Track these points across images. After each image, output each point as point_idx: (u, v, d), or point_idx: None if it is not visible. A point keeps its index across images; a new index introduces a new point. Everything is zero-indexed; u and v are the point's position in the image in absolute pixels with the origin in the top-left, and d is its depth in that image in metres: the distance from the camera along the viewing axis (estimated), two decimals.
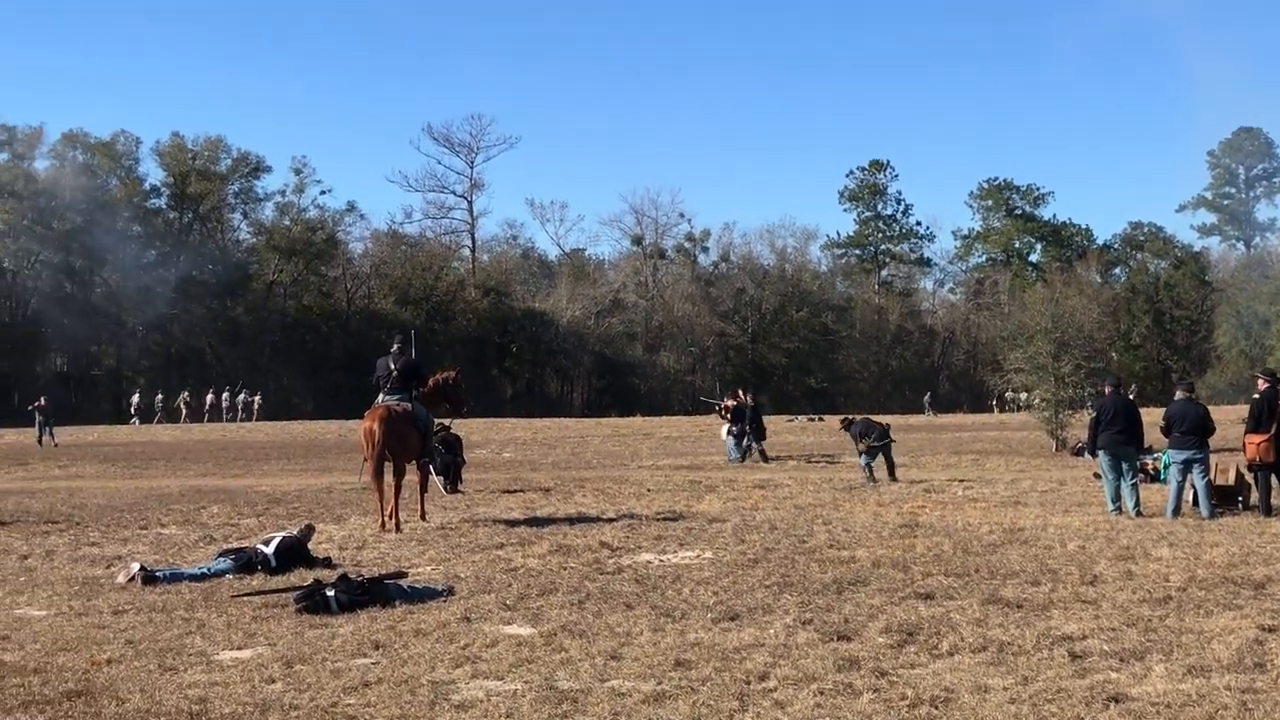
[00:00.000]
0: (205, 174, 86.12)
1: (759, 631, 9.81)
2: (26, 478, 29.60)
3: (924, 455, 33.14)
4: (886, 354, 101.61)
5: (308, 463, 33.63)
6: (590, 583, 12.30)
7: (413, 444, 17.92)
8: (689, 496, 21.55)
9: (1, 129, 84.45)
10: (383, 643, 9.70)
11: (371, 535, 16.59)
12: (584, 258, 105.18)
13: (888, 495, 21.23)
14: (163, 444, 43.83)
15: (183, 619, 10.86)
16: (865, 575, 12.42)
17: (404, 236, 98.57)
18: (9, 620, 11.03)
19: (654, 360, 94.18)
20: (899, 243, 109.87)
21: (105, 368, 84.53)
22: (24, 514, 20.30)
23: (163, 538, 16.90)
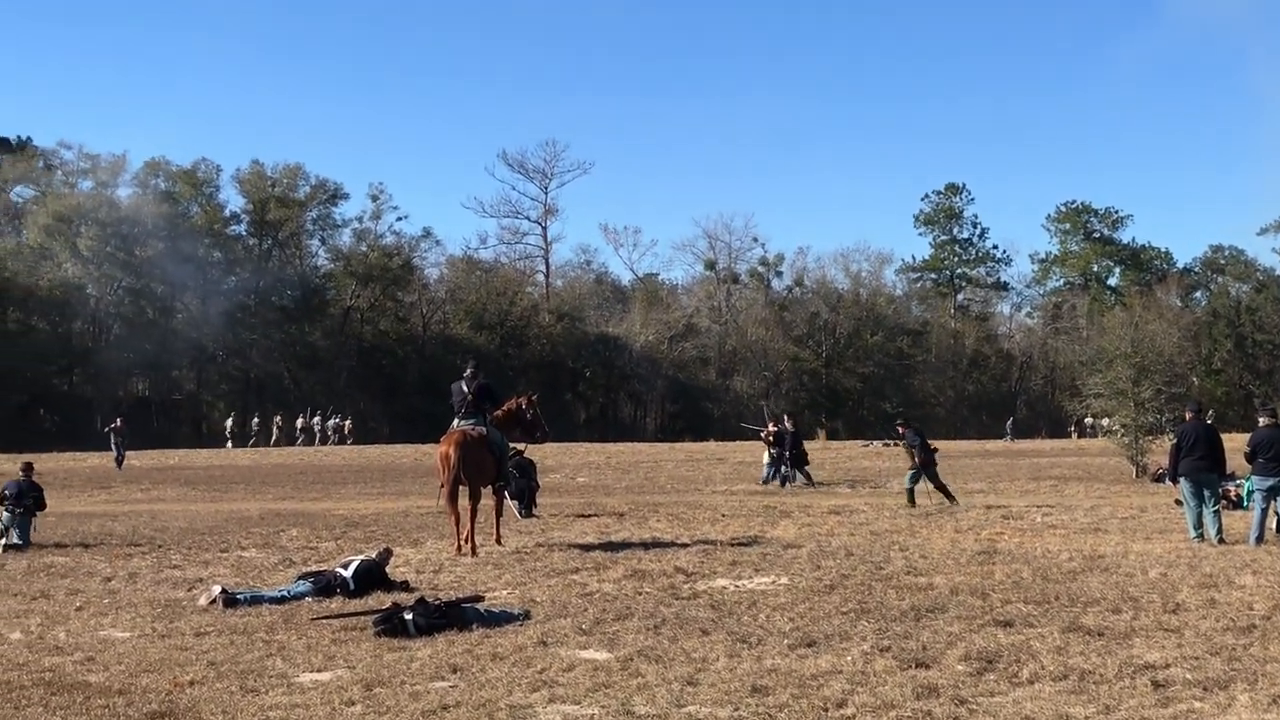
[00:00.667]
0: (284, 201, 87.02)
1: (836, 658, 9.77)
2: (109, 501, 30.04)
3: (1002, 481, 32.84)
4: (963, 379, 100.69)
5: (384, 487, 33.87)
6: (666, 608, 12.30)
7: (488, 468, 18.02)
8: (764, 522, 21.48)
9: (85, 157, 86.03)
10: (460, 666, 9.76)
11: (448, 559, 16.69)
12: (657, 283, 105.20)
13: (965, 521, 21.05)
14: (241, 468, 44.32)
15: (263, 641, 10.98)
16: (943, 602, 12.33)
17: (479, 262, 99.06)
18: (94, 642, 11.20)
19: (727, 385, 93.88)
20: (975, 266, 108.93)
21: (186, 392, 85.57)
22: (107, 537, 20.60)
23: (243, 560, 17.09)
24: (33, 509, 19.62)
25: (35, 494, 19.78)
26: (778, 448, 32.66)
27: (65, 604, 13.46)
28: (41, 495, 20.09)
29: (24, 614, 12.86)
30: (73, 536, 20.64)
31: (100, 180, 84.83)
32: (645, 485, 33.57)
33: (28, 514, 19.43)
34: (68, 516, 24.69)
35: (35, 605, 13.43)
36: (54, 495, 28.58)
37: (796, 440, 32.98)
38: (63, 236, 77.85)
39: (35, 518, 19.74)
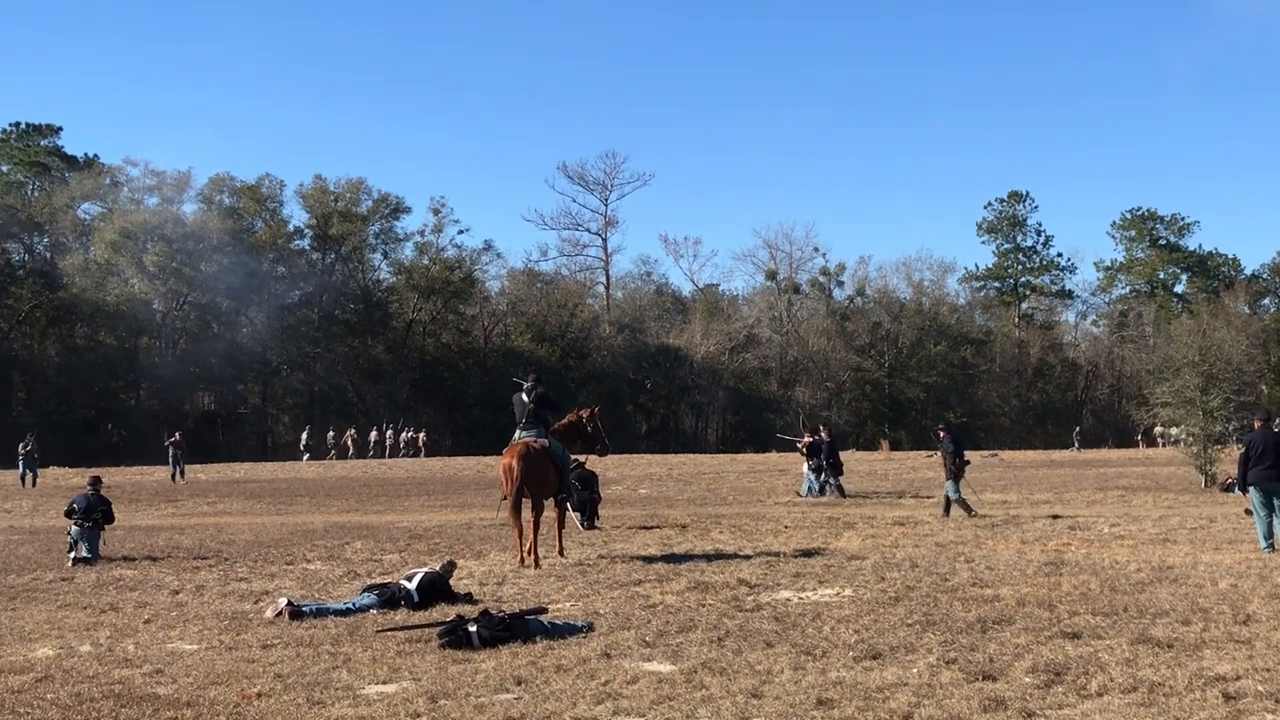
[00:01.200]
0: (347, 215, 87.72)
1: (902, 670, 9.70)
2: (176, 514, 30.34)
3: (1068, 491, 32.51)
4: (1028, 388, 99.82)
5: (447, 499, 34.00)
6: (729, 620, 12.26)
7: (550, 480, 18.05)
8: (827, 533, 21.38)
9: (151, 174, 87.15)
10: (524, 678, 9.77)
11: (511, 571, 16.72)
12: (718, 293, 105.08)
13: (1032, 532, 20.85)
14: (306, 480, 44.65)
15: (329, 653, 11.04)
16: (1010, 614, 12.21)
17: (539, 274, 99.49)
18: (162, 654, 11.30)
19: (789, 396, 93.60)
20: (1039, 275, 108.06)
21: (250, 406, 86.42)
22: (175, 550, 20.81)
23: (308, 573, 17.20)
24: (101, 523, 19.83)
25: (104, 508, 19.99)
26: (814, 458, 32.78)
27: (134, 617, 13.59)
28: (110, 509, 20.28)
29: (93, 627, 13.00)
30: (141, 550, 20.87)
31: (166, 196, 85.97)
32: (707, 497, 33.51)
33: (96, 528, 19.64)
34: (135, 530, 24.97)
35: (104, 618, 13.58)
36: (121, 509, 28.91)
37: (832, 450, 33.03)
38: (129, 252, 78.85)
39: (104, 531, 19.95)
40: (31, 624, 13.28)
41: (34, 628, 13.02)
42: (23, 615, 13.94)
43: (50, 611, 14.18)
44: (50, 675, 10.33)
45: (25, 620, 13.55)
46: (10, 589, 16.22)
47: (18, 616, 13.85)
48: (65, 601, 14.91)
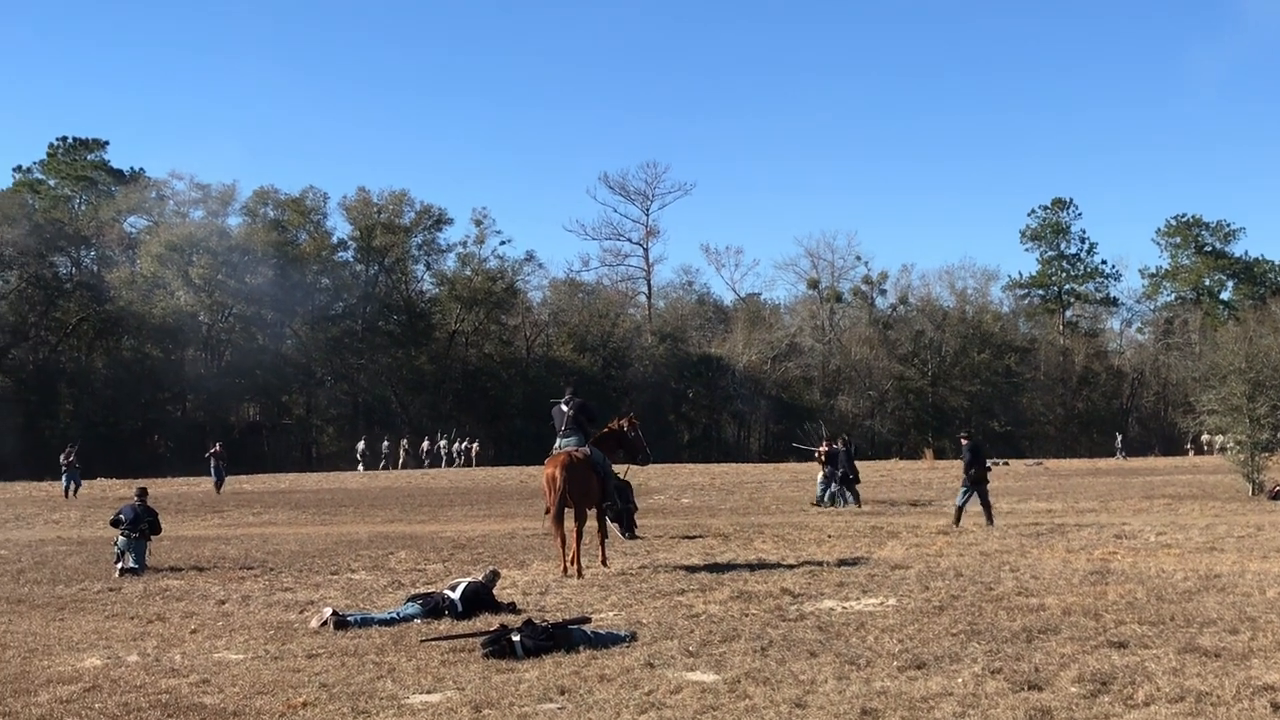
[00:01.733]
0: (390, 227, 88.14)
1: (946, 680, 9.65)
2: (222, 525, 30.52)
3: (1114, 500, 32.27)
4: (1073, 396, 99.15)
5: (490, 509, 34.07)
6: (773, 629, 12.24)
7: (593, 490, 18.06)
8: (870, 542, 21.30)
9: (196, 187, 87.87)
10: (568, 688, 9.78)
11: (554, 580, 16.74)
12: (759, 302, 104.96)
13: (1077, 541, 20.69)
14: (350, 491, 44.85)
15: (374, 663, 11.09)
16: (1055, 623, 12.13)
17: (581, 284, 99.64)
18: (208, 664, 11.38)
19: (832, 404, 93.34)
20: (1084, 282, 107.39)
21: (295, 416, 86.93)
22: (221, 560, 20.94)
23: (353, 583, 17.28)
24: (148, 533, 19.98)
25: (150, 518, 20.13)
26: (830, 466, 32.91)
27: (180, 627, 13.69)
28: (156, 520, 20.43)
29: (140, 636, 13.11)
30: (187, 560, 21.01)
31: (211, 210, 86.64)
32: (750, 506, 33.45)
33: (143, 538, 19.79)
34: (182, 540, 25.14)
35: (151, 628, 13.69)
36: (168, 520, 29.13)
37: (848, 458, 33.06)
38: (175, 265, 79.54)
39: (150, 542, 20.10)
40: (79, 634, 13.40)
41: (82, 638, 13.13)
42: (71, 625, 14.07)
43: (98, 621, 14.30)
44: (98, 685, 10.42)
45: (73, 630, 13.67)
46: (59, 599, 16.37)
47: (66, 626, 13.98)
48: (113, 612, 15.04)
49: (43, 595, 16.82)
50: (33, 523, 31.86)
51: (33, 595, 16.85)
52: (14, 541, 25.98)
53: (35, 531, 29.18)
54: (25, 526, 30.83)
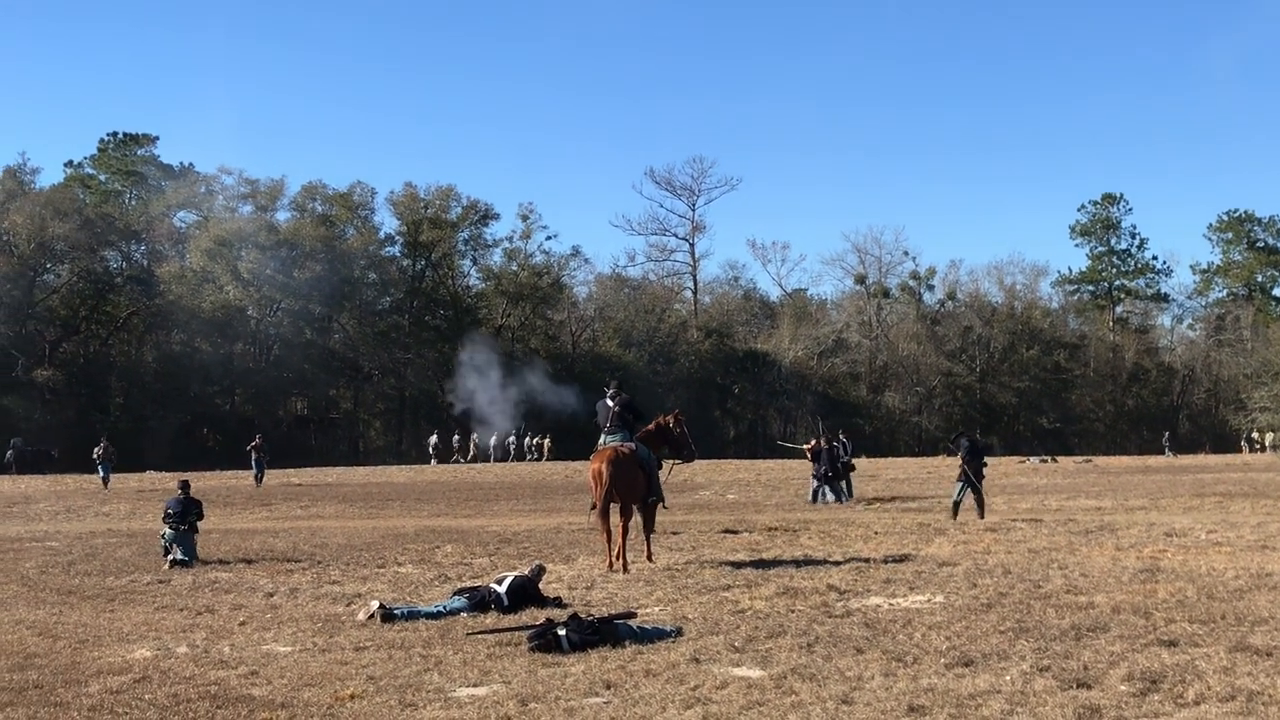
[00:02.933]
0: (436, 222, 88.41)
1: (994, 678, 9.59)
2: (270, 518, 30.74)
3: (1164, 498, 31.98)
4: (1122, 393, 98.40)
5: (536, 503, 34.15)
6: (819, 626, 12.19)
7: (639, 484, 18.05)
8: (917, 539, 21.19)
9: (245, 182, 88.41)
10: (614, 682, 9.78)
11: (600, 575, 16.75)
12: (806, 298, 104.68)
13: (1127, 539, 20.52)
14: (397, 485, 45.05)
15: (420, 656, 11.13)
16: (1105, 621, 12.03)
17: (627, 280, 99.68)
18: (257, 656, 11.45)
19: (878, 401, 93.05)
20: (1134, 278, 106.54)
21: (343, 410, 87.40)
22: (269, 553, 21.08)
23: (400, 576, 17.35)
24: (195, 525, 20.12)
25: (196, 509, 20.29)
26: (816, 463, 33.03)
27: (229, 619, 13.79)
28: (201, 509, 20.61)
29: (190, 628, 13.21)
30: (236, 553, 21.16)
31: (260, 204, 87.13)
32: (795, 502, 33.38)
33: (191, 530, 19.93)
34: (230, 533, 25.32)
35: (200, 620, 13.79)
36: (216, 513, 29.41)
37: (831, 456, 33.01)
38: (224, 260, 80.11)
39: (198, 533, 20.23)
40: (129, 625, 13.52)
41: (132, 629, 13.25)
42: (121, 617, 14.20)
43: (148, 613, 14.42)
44: (148, 676, 10.50)
45: (123, 622, 13.79)
46: (109, 591, 16.52)
47: (116, 618, 14.11)
48: (162, 603, 15.16)
49: (93, 587, 16.99)
50: (83, 515, 32.19)
51: (83, 587, 17.02)
52: (65, 533, 26.26)
53: (86, 524, 29.48)
54: (76, 519, 31.15)
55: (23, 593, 16.51)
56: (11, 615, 14.40)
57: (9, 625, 13.63)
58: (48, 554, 21.51)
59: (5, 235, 76.53)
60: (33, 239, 75.43)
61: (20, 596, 16.13)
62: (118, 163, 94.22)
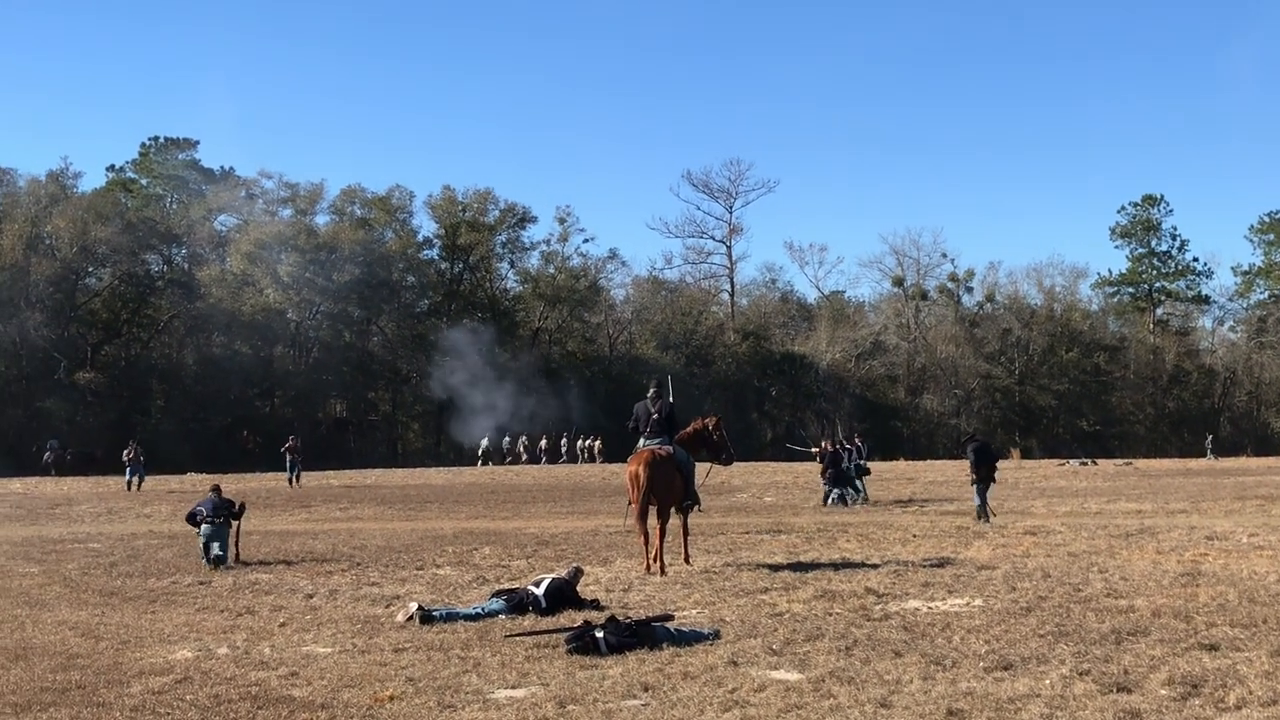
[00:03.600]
0: (474, 225, 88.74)
1: (1034, 682, 9.55)
2: (309, 520, 30.87)
3: (1205, 501, 31.74)
4: (1163, 395, 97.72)
5: (573, 505, 34.18)
6: (857, 629, 12.17)
7: (677, 487, 18.05)
8: (956, 542, 21.11)
9: (285, 186, 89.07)
10: (652, 685, 9.78)
11: (637, 578, 16.76)
12: (843, 300, 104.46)
13: (1167, 543, 20.39)
14: (435, 487, 45.18)
15: (459, 658, 11.16)
16: (1145, 625, 11.96)
17: (664, 282, 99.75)
18: (297, 657, 11.51)
19: (916, 403, 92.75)
20: (1175, 280, 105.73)
21: (381, 413, 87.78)
22: (308, 555, 21.18)
23: (438, 578, 17.40)
24: (228, 520, 20.17)
25: (228, 507, 20.34)
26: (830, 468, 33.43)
27: (269, 620, 13.86)
28: (233, 507, 20.53)
29: (230, 630, 13.29)
30: (275, 554, 21.27)
31: (299, 208, 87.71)
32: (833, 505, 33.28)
33: (225, 524, 20.02)
34: (270, 535, 25.45)
35: (241, 621, 13.87)
36: (256, 514, 29.56)
37: (835, 460, 33.47)
38: (264, 263, 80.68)
39: (233, 526, 20.26)
40: (171, 626, 13.61)
41: (173, 630, 13.34)
42: (162, 618, 14.29)
43: (189, 614, 14.52)
44: (189, 677, 10.58)
45: (164, 623, 13.89)
46: (150, 592, 16.64)
47: (157, 619, 14.21)
48: (203, 605, 15.26)
49: (135, 588, 17.10)
50: (125, 516, 32.42)
51: (125, 588, 17.14)
52: (107, 535, 26.45)
53: (128, 525, 29.69)
54: (118, 520, 31.37)
55: (65, 594, 16.65)
56: (54, 616, 14.52)
57: (52, 626, 13.75)
58: (90, 555, 21.67)
59: (48, 239, 77.26)
60: (75, 243, 76.13)
61: (63, 597, 16.26)
62: (159, 167, 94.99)
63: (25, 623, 14.02)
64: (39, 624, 13.91)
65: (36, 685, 10.36)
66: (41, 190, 79.00)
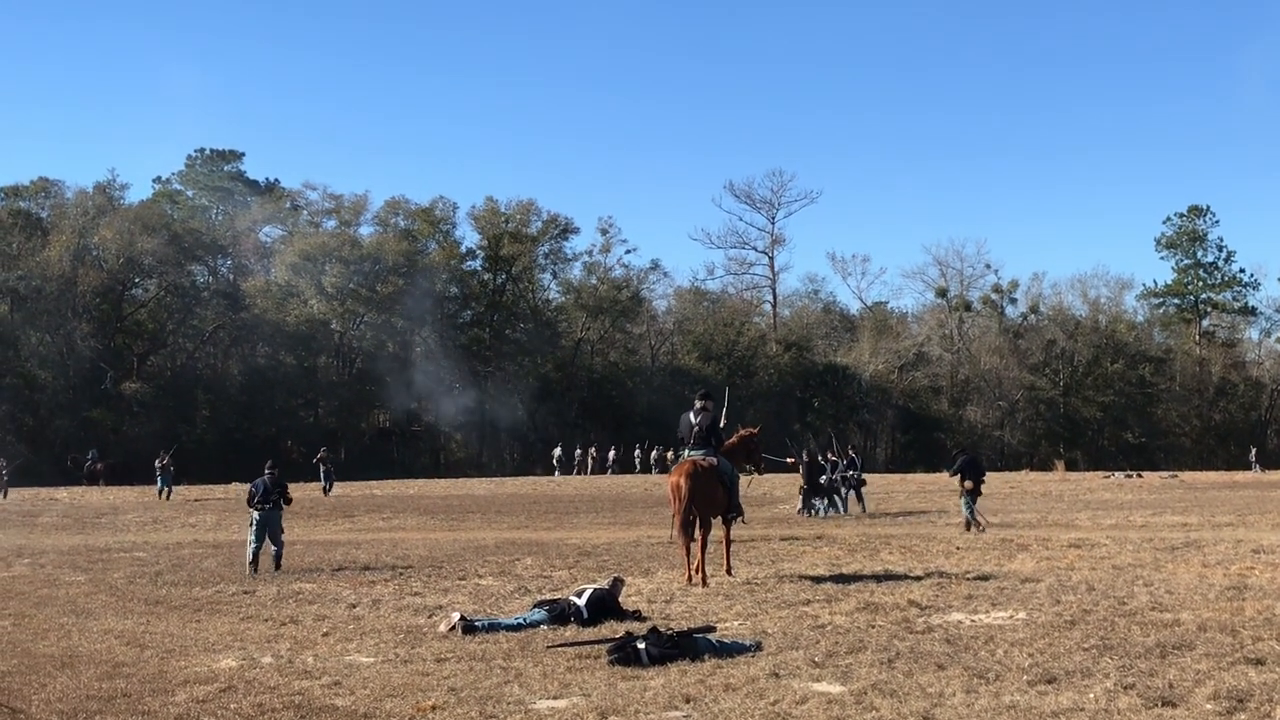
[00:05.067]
0: (517, 236, 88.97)
1: (1078, 695, 9.48)
2: (353, 529, 31.02)
3: (1251, 514, 31.44)
4: (1209, 407, 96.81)
5: (615, 516, 34.20)
6: (899, 641, 12.12)
7: (718, 499, 18.03)
8: (1000, 555, 21.00)
9: (329, 198, 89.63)
10: (693, 696, 9.78)
11: (679, 589, 16.75)
12: (886, 311, 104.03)
13: (1213, 556, 20.21)
14: (478, 497, 45.31)
15: (501, 668, 11.19)
16: (1190, 639, 11.85)
17: (706, 293, 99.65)
18: (340, 666, 11.57)
19: (960, 415, 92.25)
20: (1221, 291, 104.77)
21: (424, 423, 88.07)
22: (352, 564, 21.29)
23: (480, 588, 17.45)
24: (280, 504, 20.89)
25: (281, 488, 21.24)
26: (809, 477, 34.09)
27: (313, 629, 13.94)
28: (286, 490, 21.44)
29: (274, 639, 13.37)
30: (319, 564, 21.41)
31: (344, 219, 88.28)
32: (876, 516, 33.18)
33: (276, 508, 20.83)
34: (314, 545, 25.60)
35: (285, 630, 13.95)
36: (299, 524, 29.74)
37: (809, 471, 33.96)
38: (308, 274, 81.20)
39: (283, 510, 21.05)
40: (215, 635, 13.71)
41: (217, 639, 13.43)
42: (207, 627, 14.40)
43: (233, 623, 14.61)
44: (233, 686, 10.65)
45: (209, 632, 13.99)
46: (195, 601, 16.77)
47: (202, 628, 14.31)
48: (247, 614, 15.36)
49: (180, 597, 17.24)
50: (170, 526, 32.68)
51: (170, 597, 17.28)
52: (152, 544, 26.67)
53: (172, 534, 29.92)
54: (163, 529, 31.62)
55: (111, 602, 16.79)
56: (100, 625, 14.65)
57: (98, 634, 13.87)
58: (135, 564, 21.86)
59: (95, 250, 77.97)
60: (121, 254, 76.83)
61: (109, 606, 16.40)
62: (205, 179, 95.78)
63: (72, 631, 14.15)
64: (85, 632, 14.04)
65: (83, 693, 10.46)
66: (89, 202, 79.81)
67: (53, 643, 13.34)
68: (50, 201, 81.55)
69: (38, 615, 15.53)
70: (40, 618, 15.30)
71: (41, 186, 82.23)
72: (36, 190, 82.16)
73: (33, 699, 10.30)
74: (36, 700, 10.25)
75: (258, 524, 20.55)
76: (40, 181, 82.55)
